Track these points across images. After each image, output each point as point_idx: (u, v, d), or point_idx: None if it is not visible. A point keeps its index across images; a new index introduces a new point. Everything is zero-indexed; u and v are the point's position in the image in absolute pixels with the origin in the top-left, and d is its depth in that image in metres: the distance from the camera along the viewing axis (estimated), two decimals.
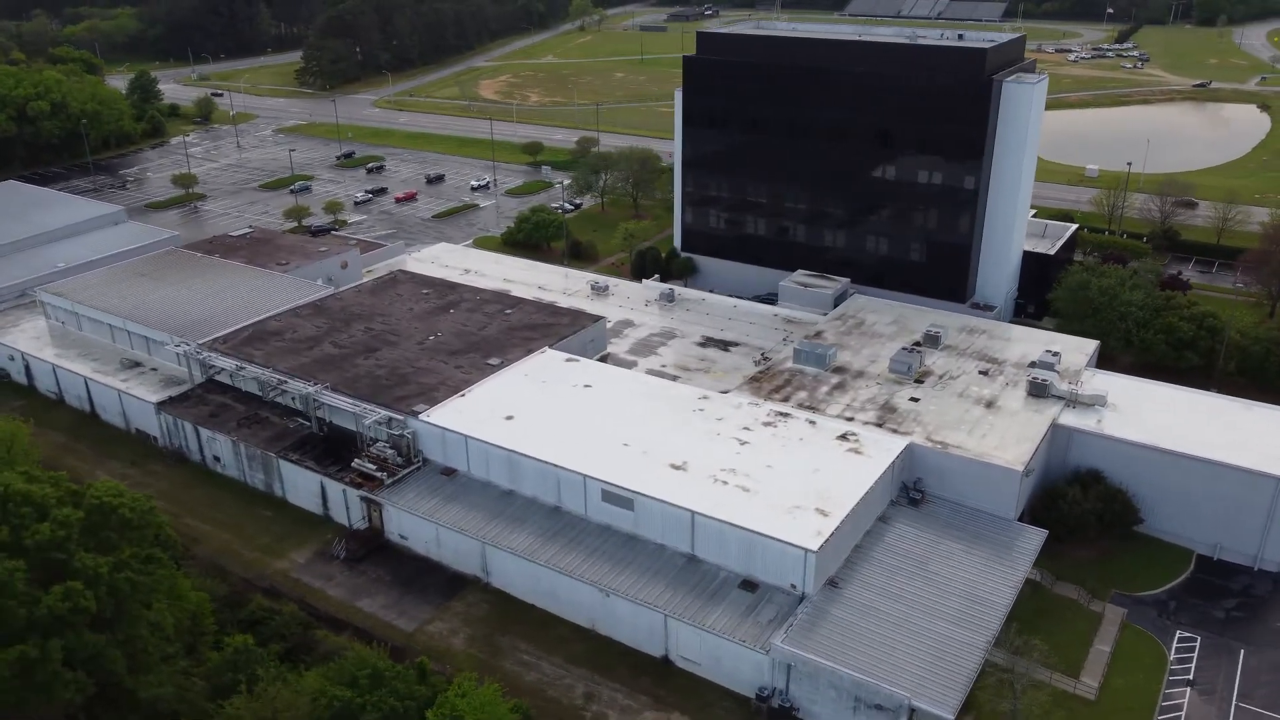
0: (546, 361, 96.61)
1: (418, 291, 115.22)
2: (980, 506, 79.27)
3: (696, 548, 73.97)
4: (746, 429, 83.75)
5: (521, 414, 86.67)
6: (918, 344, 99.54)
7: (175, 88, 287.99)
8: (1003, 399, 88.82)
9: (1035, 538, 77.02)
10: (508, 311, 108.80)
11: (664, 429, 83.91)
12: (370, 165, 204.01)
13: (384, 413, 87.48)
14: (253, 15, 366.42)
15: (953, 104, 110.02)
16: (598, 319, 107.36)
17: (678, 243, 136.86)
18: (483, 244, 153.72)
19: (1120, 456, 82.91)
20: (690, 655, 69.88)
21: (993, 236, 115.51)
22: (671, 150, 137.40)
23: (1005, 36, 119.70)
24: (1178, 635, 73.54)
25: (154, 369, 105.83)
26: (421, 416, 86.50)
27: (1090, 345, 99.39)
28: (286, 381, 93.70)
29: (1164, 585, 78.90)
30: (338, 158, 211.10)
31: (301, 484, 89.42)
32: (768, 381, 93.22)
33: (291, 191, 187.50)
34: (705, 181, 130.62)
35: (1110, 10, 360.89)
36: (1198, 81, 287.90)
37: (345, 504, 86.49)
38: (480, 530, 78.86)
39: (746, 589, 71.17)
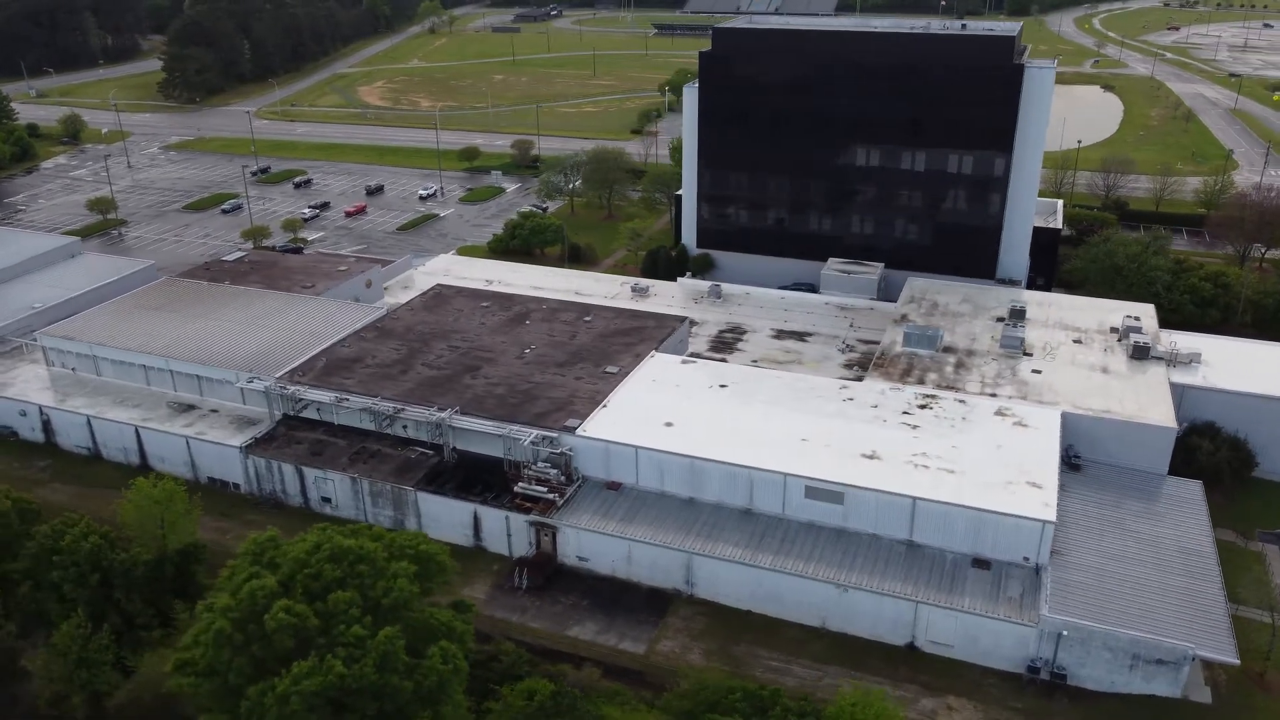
0: (663, 365, 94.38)
1: (476, 305, 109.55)
2: (1135, 465, 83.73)
3: (915, 533, 74.58)
4: (906, 413, 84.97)
5: (677, 419, 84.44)
6: (1001, 319, 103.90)
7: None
8: (1111, 364, 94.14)
9: (1196, 488, 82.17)
10: (587, 318, 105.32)
11: (828, 421, 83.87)
12: (296, 180, 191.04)
13: (537, 432, 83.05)
14: (78, 25, 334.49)
15: (985, 89, 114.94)
16: (683, 319, 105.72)
17: (690, 239, 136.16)
18: (467, 253, 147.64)
19: (1232, 406, 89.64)
20: (941, 639, 70.45)
21: (1015, 214, 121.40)
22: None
23: (1012, 25, 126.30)
24: None
25: (213, 410, 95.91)
26: (579, 431, 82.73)
27: (1150, 309, 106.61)
28: (404, 410, 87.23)
29: None
30: (254, 173, 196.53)
31: (445, 516, 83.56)
32: (891, 366, 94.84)
33: (224, 211, 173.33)
34: (724, 177, 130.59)
35: (943, 2, 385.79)
36: None
37: (506, 532, 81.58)
38: (681, 542, 76.40)
39: (980, 567, 72.53)
